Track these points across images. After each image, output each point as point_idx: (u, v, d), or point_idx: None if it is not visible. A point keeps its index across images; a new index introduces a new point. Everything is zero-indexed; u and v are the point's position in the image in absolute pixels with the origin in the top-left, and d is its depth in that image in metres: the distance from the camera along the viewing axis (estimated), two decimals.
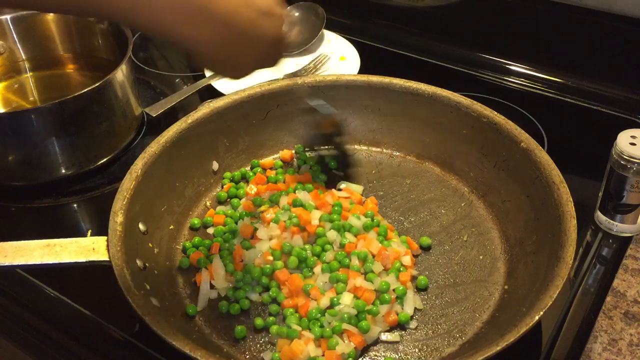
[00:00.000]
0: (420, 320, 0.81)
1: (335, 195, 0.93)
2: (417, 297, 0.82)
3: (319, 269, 0.83)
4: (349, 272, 0.82)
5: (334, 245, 0.85)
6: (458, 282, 0.85)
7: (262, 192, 0.95)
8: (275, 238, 0.86)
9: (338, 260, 0.83)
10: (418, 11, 1.31)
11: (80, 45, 1.16)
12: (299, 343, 0.75)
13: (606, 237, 0.91)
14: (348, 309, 0.78)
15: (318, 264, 0.84)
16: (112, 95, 1.01)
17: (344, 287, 0.81)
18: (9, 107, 1.12)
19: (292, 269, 0.84)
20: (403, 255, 0.85)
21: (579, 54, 1.18)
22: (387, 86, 1.01)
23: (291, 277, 0.82)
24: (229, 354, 0.77)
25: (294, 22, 1.31)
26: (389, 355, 0.77)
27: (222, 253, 0.86)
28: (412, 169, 1.01)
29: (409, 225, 0.93)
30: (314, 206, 0.90)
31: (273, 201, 0.92)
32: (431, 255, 0.88)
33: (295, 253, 0.84)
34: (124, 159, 1.05)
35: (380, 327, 0.79)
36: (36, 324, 0.83)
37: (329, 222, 0.87)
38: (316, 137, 1.02)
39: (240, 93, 1.00)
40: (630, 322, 0.79)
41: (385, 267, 0.83)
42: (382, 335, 0.79)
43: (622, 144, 0.85)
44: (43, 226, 0.98)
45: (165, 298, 0.81)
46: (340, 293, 0.80)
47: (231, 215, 0.92)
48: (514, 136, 0.90)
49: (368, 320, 0.78)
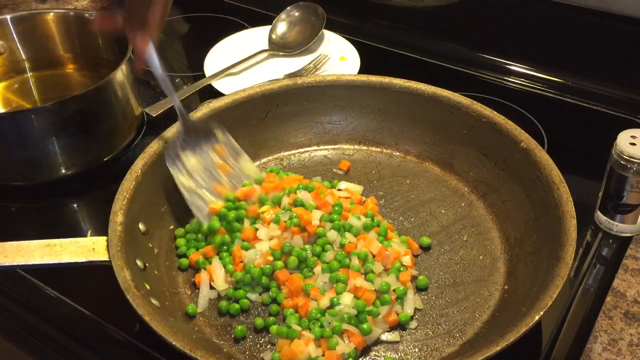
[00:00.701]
0: (421, 320, 0.81)
1: (335, 195, 0.93)
2: (417, 297, 0.82)
3: (319, 269, 0.83)
4: (349, 272, 0.82)
5: (334, 245, 0.85)
6: (458, 282, 0.85)
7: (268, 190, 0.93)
8: (276, 238, 0.86)
9: (338, 260, 0.83)
10: (418, 11, 1.31)
11: (80, 45, 1.16)
12: (299, 343, 0.75)
13: (606, 237, 0.91)
14: (348, 309, 0.78)
15: (318, 264, 0.84)
16: (112, 95, 1.01)
17: (344, 287, 0.81)
18: (9, 107, 1.12)
19: (292, 269, 0.84)
20: (403, 255, 0.85)
21: (579, 54, 1.18)
22: (387, 86, 1.01)
23: (291, 277, 0.82)
24: (229, 354, 0.77)
25: (294, 22, 1.31)
26: (389, 355, 0.77)
27: (222, 254, 0.86)
28: (412, 169, 1.01)
29: (409, 225, 0.93)
30: (315, 206, 0.90)
31: (275, 202, 0.91)
32: (431, 255, 0.88)
33: (295, 253, 0.84)
34: (124, 159, 1.05)
35: (381, 327, 0.79)
36: (36, 324, 0.83)
37: (329, 222, 0.87)
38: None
39: (240, 93, 1.00)
40: (630, 322, 0.79)
41: (385, 268, 0.83)
42: (382, 336, 0.79)
43: (622, 144, 0.85)
44: (43, 226, 0.98)
45: (165, 298, 0.81)
46: (340, 293, 0.80)
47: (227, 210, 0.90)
48: (513, 136, 0.90)
49: (368, 321, 0.78)
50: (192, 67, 1.30)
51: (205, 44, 1.28)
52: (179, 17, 1.47)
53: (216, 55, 1.26)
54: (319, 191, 0.91)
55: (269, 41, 1.29)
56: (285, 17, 1.31)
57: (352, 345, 0.76)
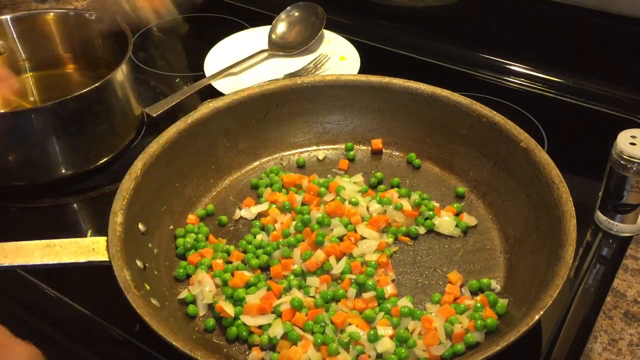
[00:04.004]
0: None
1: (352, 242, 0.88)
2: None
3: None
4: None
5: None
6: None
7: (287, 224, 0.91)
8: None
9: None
10: (418, 11, 1.31)
11: (80, 45, 1.16)
12: (297, 350, 0.74)
13: (606, 237, 0.91)
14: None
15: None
16: (112, 95, 1.01)
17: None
18: (9, 107, 1.12)
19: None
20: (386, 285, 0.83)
21: (579, 54, 1.18)
22: (387, 86, 1.01)
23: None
24: (229, 354, 0.77)
25: (294, 22, 1.31)
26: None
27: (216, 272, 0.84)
28: (412, 169, 1.01)
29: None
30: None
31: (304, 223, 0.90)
32: (431, 255, 0.88)
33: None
34: (124, 159, 1.05)
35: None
36: (36, 324, 0.83)
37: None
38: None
39: (240, 93, 1.00)
40: (630, 322, 0.79)
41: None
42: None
43: (622, 144, 0.85)
44: (43, 226, 0.98)
45: (165, 298, 0.81)
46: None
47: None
48: (513, 136, 0.90)
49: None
50: (192, 67, 1.30)
51: (205, 44, 1.28)
52: (179, 17, 1.47)
53: (216, 55, 1.26)
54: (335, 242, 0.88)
55: (269, 41, 1.29)
56: (285, 17, 1.31)
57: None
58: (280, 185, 0.97)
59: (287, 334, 0.76)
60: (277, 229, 0.90)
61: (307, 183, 0.96)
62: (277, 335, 0.76)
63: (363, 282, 0.81)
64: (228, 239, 0.91)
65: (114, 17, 1.10)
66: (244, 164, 1.01)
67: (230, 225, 0.93)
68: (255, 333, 0.77)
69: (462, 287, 0.83)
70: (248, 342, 0.78)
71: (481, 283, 0.82)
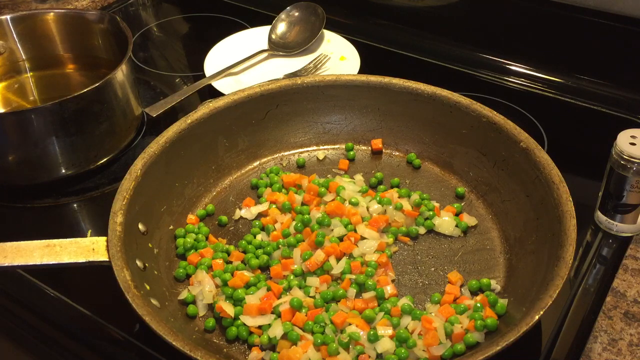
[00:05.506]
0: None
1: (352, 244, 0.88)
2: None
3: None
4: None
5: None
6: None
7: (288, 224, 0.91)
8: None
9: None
10: (418, 11, 1.31)
11: (80, 45, 1.16)
12: (297, 351, 0.74)
13: (606, 237, 0.91)
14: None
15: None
16: (112, 95, 1.01)
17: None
18: (9, 107, 1.12)
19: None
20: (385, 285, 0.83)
21: (579, 54, 1.18)
22: (386, 86, 1.01)
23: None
24: (229, 354, 0.77)
25: (294, 22, 1.31)
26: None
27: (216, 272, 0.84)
28: (412, 169, 1.01)
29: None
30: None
31: (305, 223, 0.90)
32: (431, 255, 0.88)
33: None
34: (124, 159, 1.05)
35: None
36: (36, 324, 0.83)
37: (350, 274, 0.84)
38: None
39: (240, 93, 1.00)
40: (630, 322, 0.79)
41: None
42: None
43: (622, 144, 0.85)
44: (43, 226, 0.98)
45: (165, 298, 0.81)
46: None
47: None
48: (513, 136, 0.90)
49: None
50: (192, 67, 1.30)
51: (205, 44, 1.28)
52: (179, 17, 1.48)
53: (216, 55, 1.26)
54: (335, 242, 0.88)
55: (269, 41, 1.29)
56: (285, 17, 1.31)
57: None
58: (280, 185, 0.97)
59: (287, 334, 0.76)
60: (277, 229, 0.90)
61: (307, 183, 0.96)
62: (277, 336, 0.76)
63: (363, 282, 0.81)
64: (228, 239, 0.91)
65: (114, 17, 1.11)
66: (244, 164, 1.01)
67: (230, 225, 0.93)
68: (255, 333, 0.77)
69: (462, 287, 0.83)
70: (248, 342, 0.78)
71: (481, 283, 0.82)
